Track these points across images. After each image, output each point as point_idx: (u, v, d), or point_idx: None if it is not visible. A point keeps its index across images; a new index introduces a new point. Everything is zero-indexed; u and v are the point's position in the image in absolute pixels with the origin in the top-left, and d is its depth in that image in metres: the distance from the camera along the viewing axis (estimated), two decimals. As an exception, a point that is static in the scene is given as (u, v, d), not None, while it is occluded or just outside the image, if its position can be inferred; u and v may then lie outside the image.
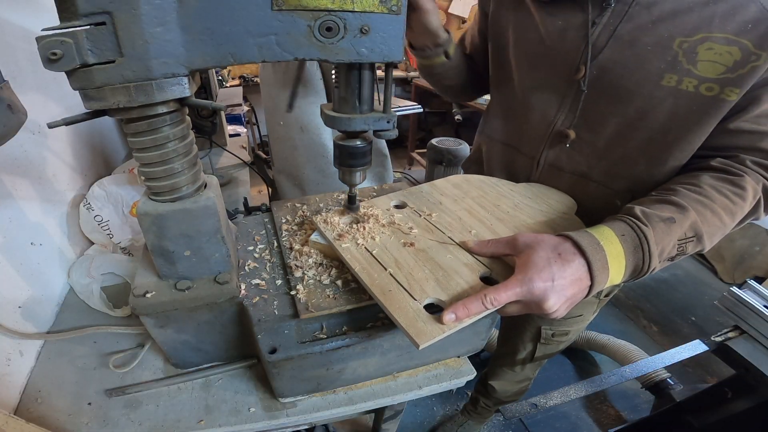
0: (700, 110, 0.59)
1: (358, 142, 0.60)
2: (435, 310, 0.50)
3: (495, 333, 1.59)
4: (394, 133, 0.58)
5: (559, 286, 0.50)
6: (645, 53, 0.60)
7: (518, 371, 1.23)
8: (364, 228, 0.64)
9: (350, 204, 0.69)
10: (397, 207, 0.73)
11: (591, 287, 0.52)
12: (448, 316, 0.48)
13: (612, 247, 0.53)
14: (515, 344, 1.14)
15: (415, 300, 0.51)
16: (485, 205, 0.73)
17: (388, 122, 0.56)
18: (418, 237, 0.64)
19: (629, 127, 0.66)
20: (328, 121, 0.57)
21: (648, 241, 0.53)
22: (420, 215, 0.70)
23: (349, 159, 0.61)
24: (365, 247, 0.61)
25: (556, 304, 0.50)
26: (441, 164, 2.57)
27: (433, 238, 0.64)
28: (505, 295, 0.49)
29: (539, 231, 0.65)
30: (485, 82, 0.93)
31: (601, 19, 0.63)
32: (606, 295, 0.94)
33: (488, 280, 0.57)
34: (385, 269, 0.57)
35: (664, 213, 0.56)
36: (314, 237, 0.66)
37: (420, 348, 0.46)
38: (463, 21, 4.50)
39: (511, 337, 1.16)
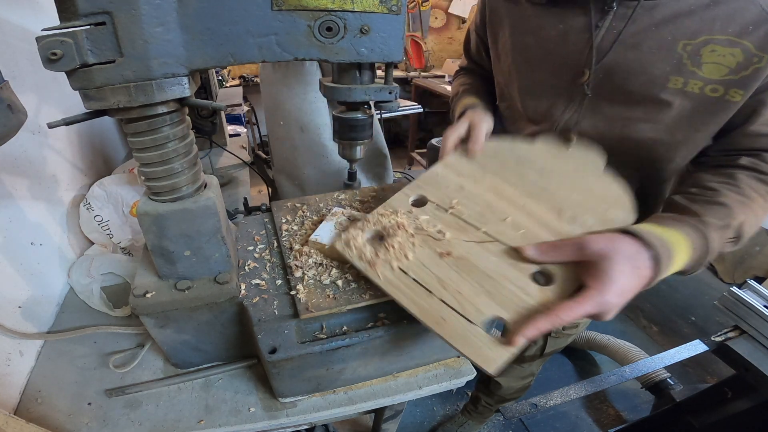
0: (706, 111, 0.59)
1: (359, 115, 0.58)
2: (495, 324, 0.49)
3: None
4: (396, 105, 0.56)
5: (628, 298, 0.48)
6: (650, 56, 0.60)
7: (525, 367, 1.22)
8: (394, 246, 0.57)
9: (350, 180, 0.68)
10: (416, 204, 0.65)
11: (650, 284, 0.52)
12: (518, 339, 0.45)
13: (680, 258, 0.52)
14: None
15: (473, 324, 0.48)
16: (508, 178, 0.66)
17: (389, 93, 0.55)
18: (452, 242, 0.57)
19: (635, 128, 0.66)
20: (328, 92, 0.55)
21: (709, 252, 0.54)
22: (446, 210, 0.62)
23: (349, 132, 0.59)
24: (401, 269, 0.54)
25: (616, 313, 0.49)
26: (441, 164, 2.55)
27: (469, 238, 0.57)
28: (579, 312, 0.46)
29: (579, 206, 0.60)
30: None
31: (603, 22, 0.63)
32: None
33: (539, 275, 0.53)
34: (431, 293, 0.51)
35: (720, 221, 0.56)
36: (314, 237, 0.66)
37: (493, 373, 0.45)
38: (463, 21, 4.50)
39: None
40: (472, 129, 0.75)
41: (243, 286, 0.62)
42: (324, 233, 0.66)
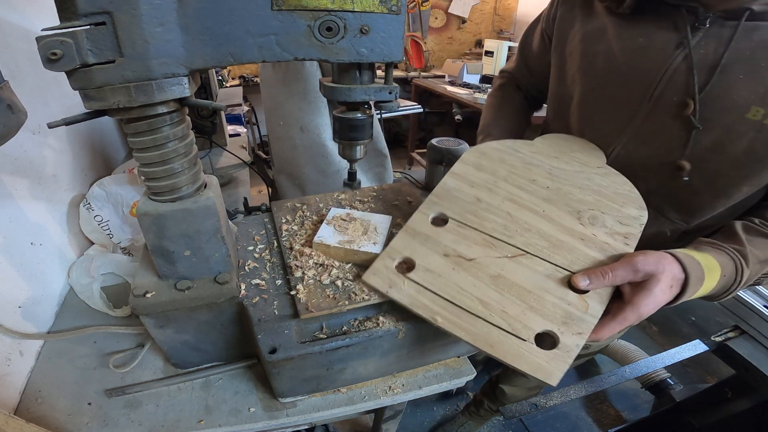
0: None
1: (359, 114, 0.58)
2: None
3: None
4: (396, 105, 0.56)
5: (659, 306, 0.51)
6: (735, 81, 0.56)
7: (533, 378, 1.20)
8: (430, 271, 0.56)
9: (350, 180, 0.68)
10: (436, 223, 0.63)
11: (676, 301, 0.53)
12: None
13: (709, 282, 0.53)
14: None
15: (525, 341, 0.49)
16: (521, 184, 0.66)
17: (389, 93, 0.55)
18: (485, 261, 0.57)
19: (699, 158, 0.61)
20: (328, 92, 0.55)
21: (740, 283, 0.55)
22: (469, 226, 0.61)
23: (349, 132, 0.59)
24: (442, 297, 0.54)
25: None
26: (441, 164, 2.56)
27: (500, 254, 0.58)
28: (620, 327, 0.50)
29: (595, 206, 0.62)
30: (543, 97, 0.89)
31: (691, 41, 0.58)
32: None
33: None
34: (477, 316, 0.52)
35: (762, 254, 0.56)
36: (318, 239, 0.66)
37: (555, 384, 0.48)
38: (463, 21, 4.50)
39: None
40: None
41: (243, 286, 0.62)
42: (327, 234, 0.66)
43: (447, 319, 0.52)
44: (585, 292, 0.53)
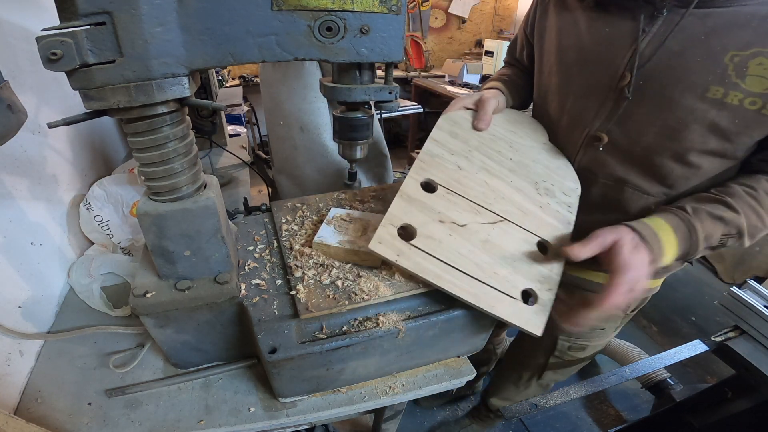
0: (742, 123, 0.59)
1: (359, 114, 0.59)
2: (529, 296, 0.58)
3: (507, 341, 1.56)
4: (396, 105, 0.57)
5: (649, 270, 0.58)
6: (693, 64, 0.59)
7: (521, 389, 1.20)
8: (431, 239, 0.60)
9: (350, 180, 0.69)
10: (426, 188, 0.65)
11: (652, 264, 0.59)
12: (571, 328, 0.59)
13: (666, 236, 0.60)
14: (526, 355, 1.12)
15: (515, 299, 0.56)
16: (490, 154, 0.73)
17: (389, 93, 0.55)
18: (474, 227, 0.62)
19: (668, 136, 0.66)
20: (328, 92, 0.55)
21: (697, 233, 0.60)
22: (456, 194, 0.65)
23: (349, 132, 0.60)
24: (444, 261, 0.58)
25: (647, 281, 0.58)
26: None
27: (485, 220, 0.63)
28: (619, 294, 0.56)
29: (546, 178, 0.73)
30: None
31: (651, 28, 0.63)
32: (632, 311, 0.94)
33: (541, 246, 0.64)
34: (477, 279, 0.57)
35: (716, 211, 0.61)
36: (318, 239, 0.66)
37: (540, 335, 0.56)
38: (463, 21, 4.50)
39: (524, 346, 1.14)
40: (480, 105, 0.78)
41: (243, 286, 0.62)
42: (327, 234, 0.66)
43: (453, 283, 0.56)
44: (545, 252, 0.63)
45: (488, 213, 0.64)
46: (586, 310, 0.58)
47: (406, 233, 0.59)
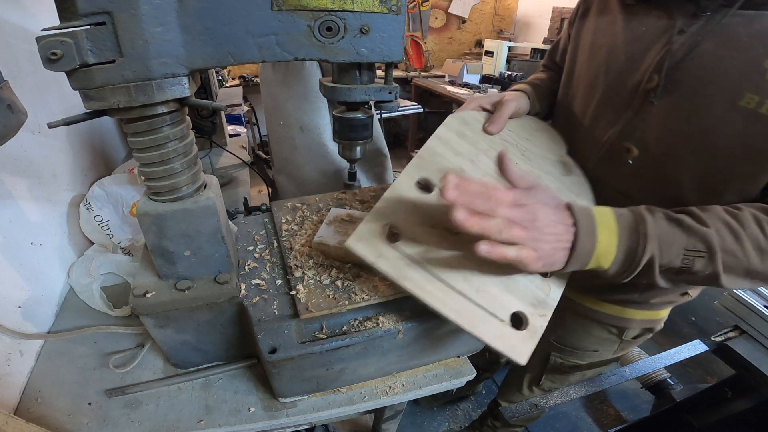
0: None
1: (359, 115, 0.58)
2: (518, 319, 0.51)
3: None
4: (396, 105, 0.56)
5: (549, 218, 0.49)
6: (729, 68, 0.54)
7: (526, 393, 1.19)
8: (416, 242, 0.54)
9: (350, 180, 0.68)
10: (421, 187, 0.59)
11: (573, 246, 0.50)
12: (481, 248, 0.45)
13: (604, 219, 0.51)
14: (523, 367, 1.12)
15: (503, 321, 0.50)
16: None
17: (389, 93, 0.55)
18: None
19: (688, 149, 0.60)
20: (328, 92, 0.55)
21: (646, 225, 0.50)
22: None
23: (349, 132, 0.60)
24: (430, 272, 0.51)
25: (542, 236, 0.48)
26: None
27: None
28: (504, 193, 0.48)
29: (558, 192, 0.63)
30: None
31: (689, 28, 0.57)
32: (634, 338, 0.89)
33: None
34: (463, 295, 0.51)
35: (676, 215, 0.52)
36: (317, 239, 0.66)
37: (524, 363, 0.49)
38: (463, 21, 4.50)
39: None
40: (498, 107, 0.72)
41: (243, 286, 0.62)
42: (327, 234, 0.66)
43: (434, 296, 0.49)
44: (546, 275, 0.55)
45: None
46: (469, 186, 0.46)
47: (391, 234, 0.54)
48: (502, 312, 0.51)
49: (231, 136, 1.73)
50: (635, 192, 0.68)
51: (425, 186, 0.59)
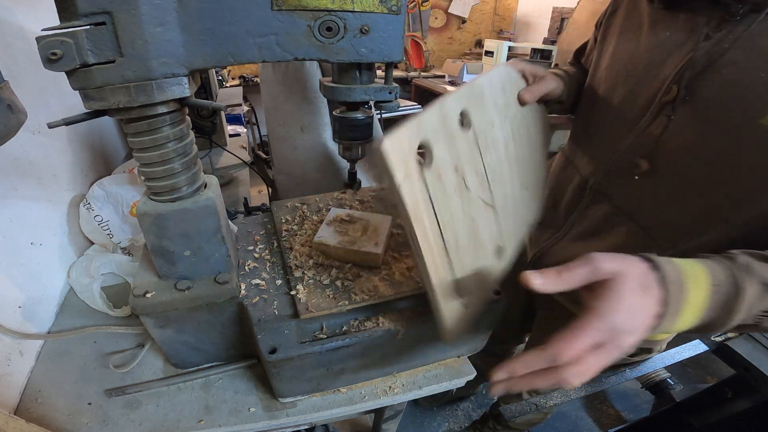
0: None
1: (359, 114, 0.58)
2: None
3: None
4: (396, 104, 0.56)
5: (640, 327, 0.40)
6: (755, 80, 0.49)
7: (525, 395, 1.17)
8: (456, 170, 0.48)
9: (350, 180, 0.68)
10: (460, 117, 0.50)
11: (655, 327, 0.42)
12: (498, 388, 0.41)
13: (696, 291, 0.42)
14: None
15: (461, 300, 0.48)
16: (516, 133, 0.64)
17: (389, 93, 0.54)
18: (473, 196, 0.51)
19: (702, 170, 0.55)
20: (328, 92, 0.55)
21: (739, 302, 0.42)
22: (479, 150, 0.53)
23: (349, 132, 0.59)
24: (435, 214, 0.44)
25: (628, 347, 0.40)
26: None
27: (484, 196, 0.53)
28: (580, 340, 0.38)
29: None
30: None
31: (716, 33, 0.53)
32: (631, 356, 0.85)
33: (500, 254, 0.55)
34: (447, 255, 0.46)
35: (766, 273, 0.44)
36: (317, 239, 0.66)
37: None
38: (463, 21, 4.50)
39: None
40: (539, 80, 0.68)
41: (243, 286, 0.62)
42: (327, 234, 0.66)
43: (427, 243, 0.43)
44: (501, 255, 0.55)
45: (488, 191, 0.54)
46: (519, 358, 0.40)
47: (421, 154, 0.44)
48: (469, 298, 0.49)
49: (231, 136, 1.73)
50: (638, 212, 0.64)
51: (464, 120, 0.52)
